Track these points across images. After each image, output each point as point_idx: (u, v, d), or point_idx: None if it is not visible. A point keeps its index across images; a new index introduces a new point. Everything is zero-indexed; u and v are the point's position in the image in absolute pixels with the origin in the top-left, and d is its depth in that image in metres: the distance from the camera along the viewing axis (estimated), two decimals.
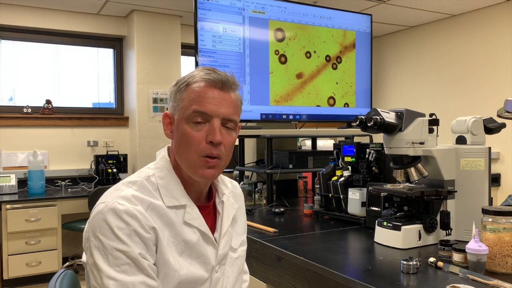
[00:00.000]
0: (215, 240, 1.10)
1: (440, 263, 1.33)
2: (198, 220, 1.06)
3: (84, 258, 1.01)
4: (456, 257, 1.35)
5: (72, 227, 3.90)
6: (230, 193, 1.20)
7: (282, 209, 2.31)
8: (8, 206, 3.55)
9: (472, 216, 1.56)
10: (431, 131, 1.66)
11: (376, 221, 1.67)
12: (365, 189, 1.93)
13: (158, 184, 1.04)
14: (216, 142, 1.02)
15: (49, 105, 4.32)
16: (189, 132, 1.02)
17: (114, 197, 0.98)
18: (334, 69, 3.03)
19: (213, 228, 1.12)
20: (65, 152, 4.42)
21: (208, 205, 1.13)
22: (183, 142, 1.04)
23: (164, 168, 1.07)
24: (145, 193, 1.01)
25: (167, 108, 1.11)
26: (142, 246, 0.95)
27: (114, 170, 4.29)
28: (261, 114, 2.75)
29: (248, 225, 1.98)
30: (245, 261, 1.29)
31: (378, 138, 1.80)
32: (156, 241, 0.98)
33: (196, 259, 1.04)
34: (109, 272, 0.92)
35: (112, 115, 4.70)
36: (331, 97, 3.03)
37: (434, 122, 1.66)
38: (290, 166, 2.59)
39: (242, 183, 2.64)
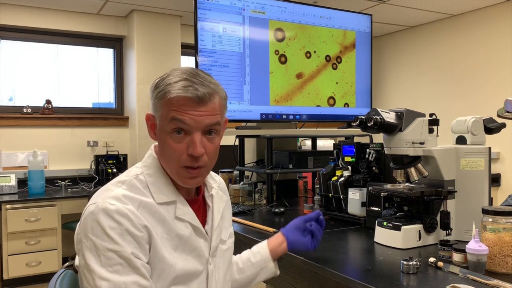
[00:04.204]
0: (206, 233, 1.11)
1: (440, 263, 1.33)
2: (189, 215, 1.07)
3: (77, 261, 1.01)
4: (456, 257, 1.35)
5: (72, 227, 3.89)
6: (218, 187, 1.22)
7: (282, 209, 2.31)
8: (8, 206, 3.55)
9: (472, 216, 1.56)
10: (431, 131, 1.66)
11: (376, 221, 1.67)
12: (365, 189, 1.93)
13: (147, 181, 1.05)
14: (197, 155, 1.01)
15: (49, 105, 4.32)
16: (170, 144, 1.02)
17: (105, 197, 0.98)
18: (334, 69, 3.03)
19: (203, 221, 1.13)
20: (65, 152, 4.42)
21: (197, 199, 1.14)
22: (165, 151, 1.04)
23: (152, 166, 1.08)
24: (135, 191, 1.01)
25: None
26: (135, 245, 0.95)
27: (114, 170, 4.29)
28: (261, 114, 2.75)
29: (248, 225, 2.00)
30: None
31: (378, 138, 1.80)
32: (149, 239, 0.98)
33: (190, 253, 1.06)
34: (101, 273, 0.92)
35: (112, 115, 4.70)
36: (331, 97, 3.03)
37: (434, 122, 1.66)
38: (290, 166, 2.59)
39: (242, 183, 2.64)
